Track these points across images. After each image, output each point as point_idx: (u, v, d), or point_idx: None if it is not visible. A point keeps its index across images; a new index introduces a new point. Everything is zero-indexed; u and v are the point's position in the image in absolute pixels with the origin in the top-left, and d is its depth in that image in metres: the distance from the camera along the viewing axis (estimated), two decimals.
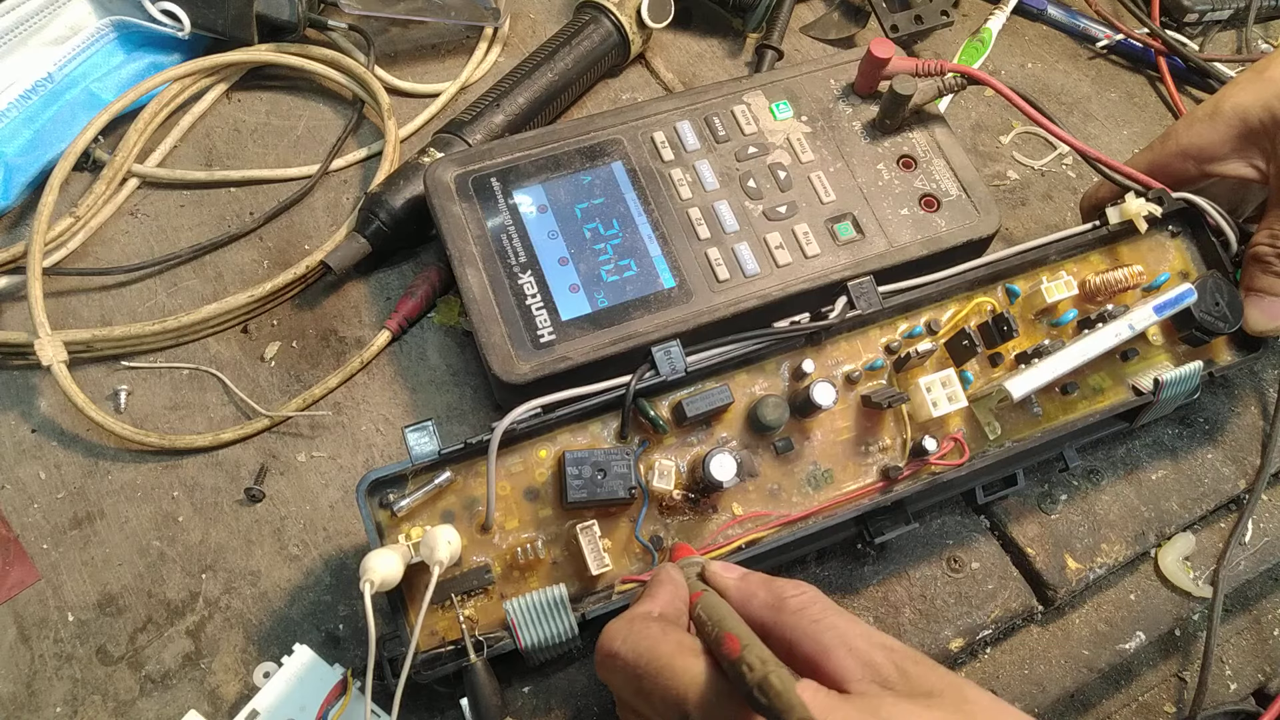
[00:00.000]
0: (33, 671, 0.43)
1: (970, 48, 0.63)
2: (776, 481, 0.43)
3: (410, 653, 0.37)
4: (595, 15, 0.59)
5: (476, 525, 0.41)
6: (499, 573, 0.41)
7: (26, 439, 0.48)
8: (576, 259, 0.48)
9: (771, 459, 0.43)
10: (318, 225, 0.55)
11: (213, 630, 0.44)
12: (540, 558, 0.40)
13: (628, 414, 0.41)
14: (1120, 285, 0.46)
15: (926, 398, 0.43)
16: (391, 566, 0.37)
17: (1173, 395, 0.45)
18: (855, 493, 0.43)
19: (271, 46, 0.58)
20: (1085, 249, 0.48)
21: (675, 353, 0.41)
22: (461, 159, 0.49)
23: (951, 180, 0.51)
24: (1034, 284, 0.46)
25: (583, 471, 0.39)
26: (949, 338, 0.45)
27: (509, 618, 0.39)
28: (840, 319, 0.43)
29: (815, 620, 0.32)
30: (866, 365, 0.45)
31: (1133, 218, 0.47)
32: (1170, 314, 0.45)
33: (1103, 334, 0.44)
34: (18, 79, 0.54)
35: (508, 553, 0.41)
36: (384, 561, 0.37)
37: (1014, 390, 0.42)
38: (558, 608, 0.39)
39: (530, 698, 0.43)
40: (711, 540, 0.42)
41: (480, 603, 0.40)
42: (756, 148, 0.51)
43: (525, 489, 0.41)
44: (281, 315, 0.52)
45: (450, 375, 0.51)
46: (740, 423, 0.43)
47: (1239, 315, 0.47)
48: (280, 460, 0.48)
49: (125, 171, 0.54)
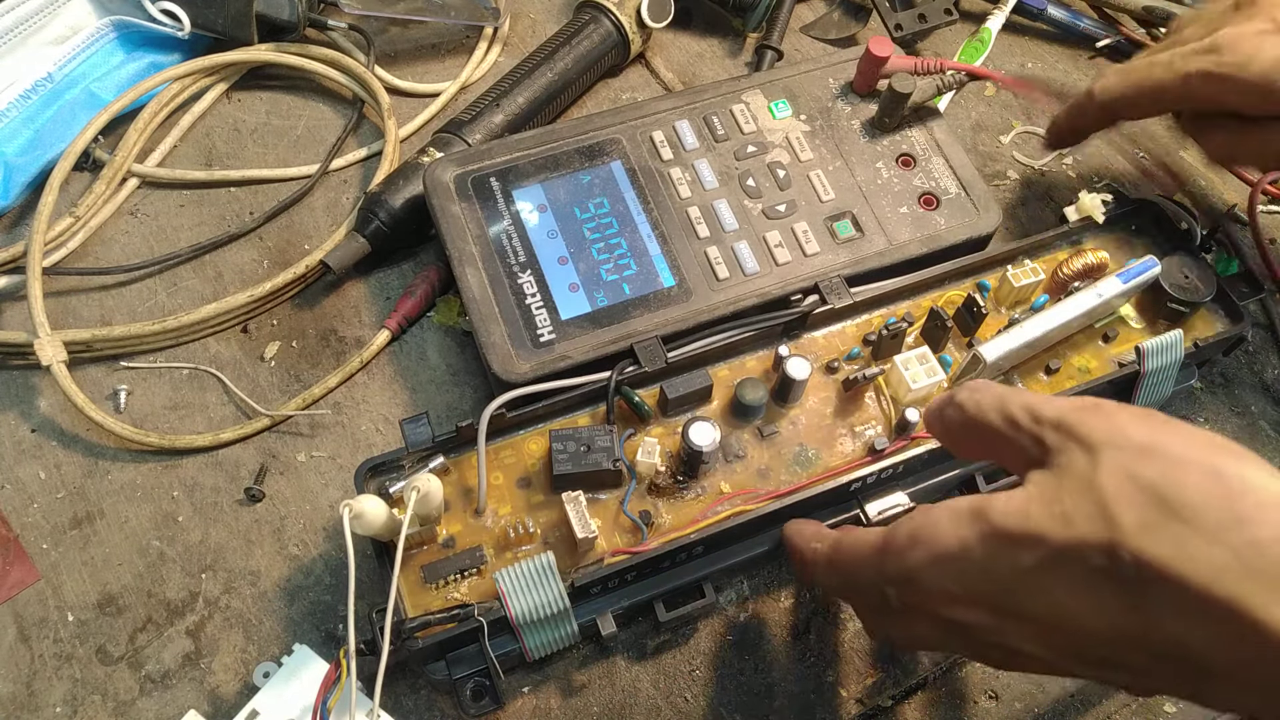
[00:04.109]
0: (32, 671, 0.43)
1: (970, 47, 0.63)
2: (764, 463, 0.44)
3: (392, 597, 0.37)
4: (595, 15, 0.59)
5: (470, 510, 0.42)
6: (491, 554, 0.41)
7: (26, 439, 0.48)
8: (576, 258, 0.48)
9: (757, 442, 0.45)
10: (317, 225, 0.55)
11: (213, 630, 0.44)
12: (531, 532, 0.42)
13: (611, 401, 0.43)
14: (1088, 269, 0.48)
15: (905, 374, 0.44)
16: (376, 509, 0.37)
17: (1160, 366, 0.45)
18: (842, 467, 0.44)
19: (271, 46, 0.58)
20: (1052, 247, 0.51)
21: (655, 346, 0.44)
22: (461, 159, 0.49)
23: (950, 178, 0.51)
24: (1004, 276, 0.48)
25: (568, 447, 0.42)
26: (922, 324, 0.47)
27: (499, 586, 0.38)
28: (811, 309, 0.46)
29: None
30: (845, 355, 0.46)
31: (1090, 212, 0.50)
32: (1136, 283, 0.46)
33: (1071, 302, 0.45)
34: (18, 79, 0.54)
35: (500, 534, 0.42)
36: (370, 502, 0.37)
37: (986, 353, 0.43)
38: (546, 574, 0.38)
39: (530, 698, 0.43)
40: (701, 516, 0.42)
41: (473, 582, 0.41)
42: (755, 147, 0.51)
43: (518, 478, 0.43)
44: (281, 315, 0.52)
45: (450, 375, 0.51)
46: (724, 411, 0.45)
47: (1211, 286, 0.48)
48: (280, 460, 0.48)
49: (125, 171, 0.54)
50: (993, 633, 0.30)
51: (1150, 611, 0.26)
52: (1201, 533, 0.25)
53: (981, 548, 0.30)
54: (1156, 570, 0.26)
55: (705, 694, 0.44)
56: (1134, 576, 0.26)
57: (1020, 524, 0.29)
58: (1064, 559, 0.28)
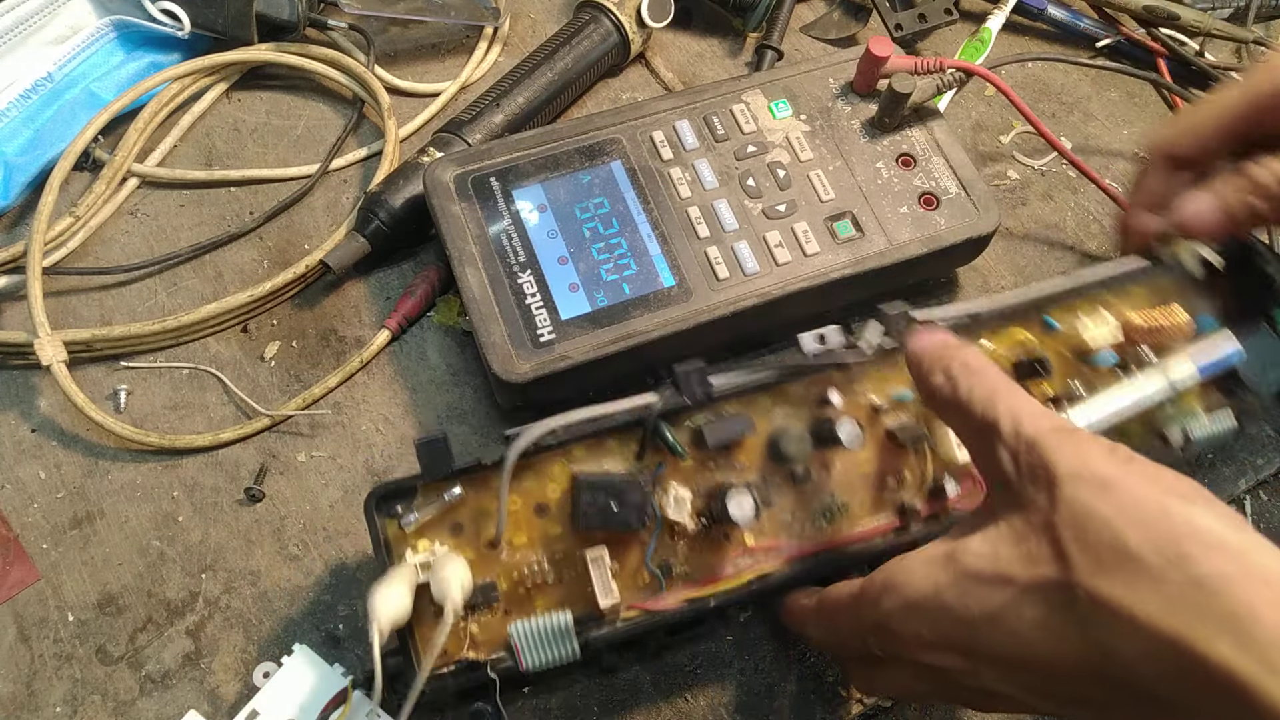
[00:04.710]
0: (32, 671, 0.43)
1: (970, 47, 0.63)
2: (790, 510, 0.41)
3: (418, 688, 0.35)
4: (595, 15, 0.59)
5: (485, 541, 0.39)
6: (505, 589, 0.39)
7: (26, 439, 0.48)
8: (576, 258, 0.48)
9: (788, 488, 0.42)
10: (317, 225, 0.55)
11: (213, 630, 0.44)
12: (548, 581, 0.39)
13: (647, 439, 0.40)
14: (1164, 333, 0.43)
15: (953, 439, 0.41)
16: (400, 604, 0.35)
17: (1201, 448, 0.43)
18: (869, 531, 0.42)
19: (271, 46, 0.58)
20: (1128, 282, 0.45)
21: (700, 376, 0.40)
22: (461, 158, 0.49)
23: (950, 178, 0.51)
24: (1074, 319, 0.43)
25: (596, 499, 0.38)
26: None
27: (512, 641, 0.38)
28: (874, 353, 0.41)
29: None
30: (895, 397, 0.42)
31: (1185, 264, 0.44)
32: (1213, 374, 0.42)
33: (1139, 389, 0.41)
34: (18, 78, 0.54)
35: (514, 570, 0.39)
36: (392, 601, 0.35)
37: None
38: (562, 635, 0.38)
39: (530, 697, 0.43)
40: (721, 570, 0.40)
41: (485, 618, 0.39)
42: (755, 146, 0.51)
43: (536, 504, 0.40)
44: (281, 315, 0.52)
45: (450, 375, 0.51)
46: (760, 450, 0.42)
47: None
48: (280, 460, 0.48)
49: (125, 171, 0.54)
50: (968, 675, 0.31)
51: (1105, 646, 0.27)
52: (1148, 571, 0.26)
53: (953, 590, 0.31)
54: (1109, 607, 0.27)
55: (705, 694, 0.44)
56: (1089, 614, 0.27)
57: (990, 566, 0.30)
58: (1028, 598, 0.29)
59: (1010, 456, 0.31)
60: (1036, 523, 0.29)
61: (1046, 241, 0.58)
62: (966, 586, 0.30)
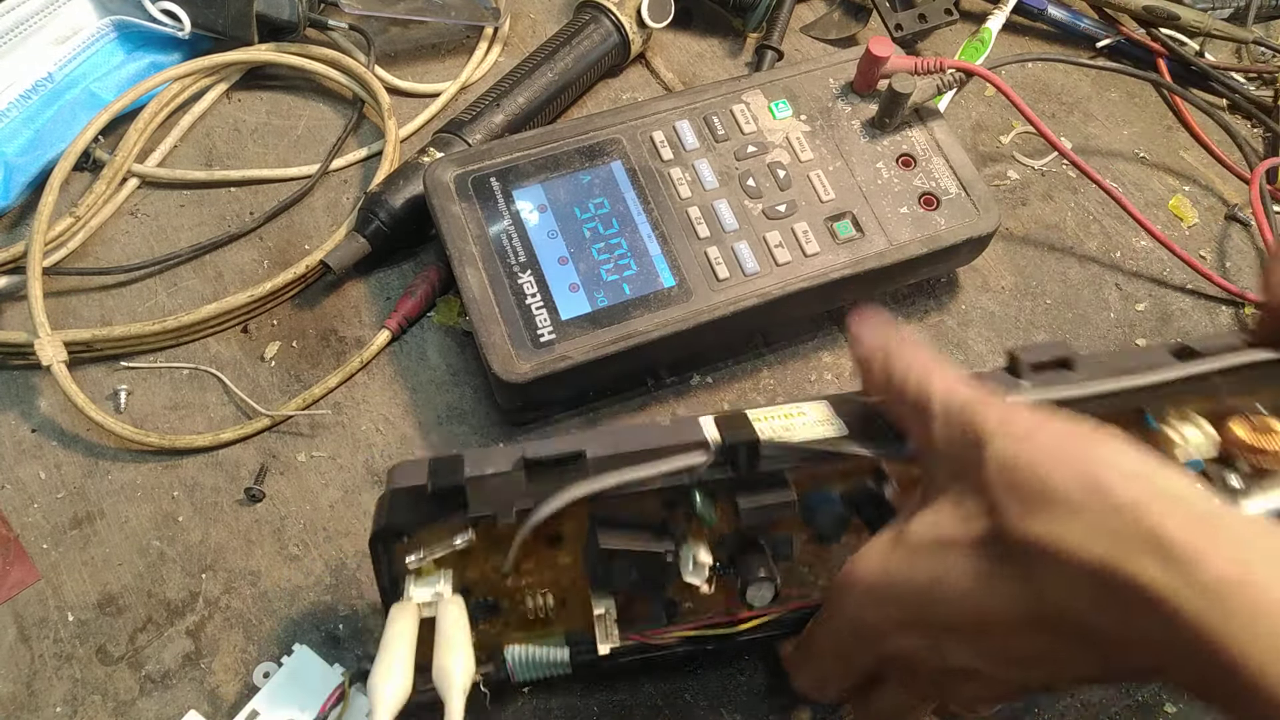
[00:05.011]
0: (32, 671, 0.43)
1: (970, 47, 0.63)
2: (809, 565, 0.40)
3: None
4: (595, 15, 0.59)
5: (492, 562, 0.37)
6: (507, 608, 0.38)
7: (26, 439, 0.48)
8: (576, 258, 0.48)
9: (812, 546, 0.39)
10: (317, 225, 0.55)
11: (213, 630, 0.44)
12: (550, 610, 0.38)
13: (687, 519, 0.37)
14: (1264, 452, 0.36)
15: None
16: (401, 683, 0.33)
17: None
18: None
19: (271, 46, 0.58)
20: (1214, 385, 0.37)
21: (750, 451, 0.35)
22: (461, 159, 0.49)
23: (951, 178, 0.51)
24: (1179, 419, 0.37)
25: (619, 568, 0.36)
26: None
27: (508, 662, 0.38)
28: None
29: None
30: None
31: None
32: None
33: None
34: (18, 79, 0.54)
35: (518, 592, 0.38)
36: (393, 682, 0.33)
37: None
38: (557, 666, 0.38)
39: (530, 698, 0.43)
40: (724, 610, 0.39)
41: (483, 627, 0.38)
42: (756, 147, 0.51)
43: (548, 535, 0.37)
44: (281, 315, 0.52)
45: (450, 375, 0.51)
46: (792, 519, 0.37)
47: None
48: (280, 460, 0.48)
49: (125, 171, 0.54)
50: (935, 655, 0.31)
51: (1041, 586, 0.28)
52: (1069, 505, 0.27)
53: (902, 566, 0.31)
54: (1038, 546, 0.27)
55: (705, 694, 0.44)
56: (1022, 557, 0.28)
57: (933, 533, 0.31)
58: (968, 555, 0.29)
59: (944, 426, 0.32)
60: (971, 483, 0.30)
61: (1046, 242, 0.58)
62: (914, 559, 0.31)
